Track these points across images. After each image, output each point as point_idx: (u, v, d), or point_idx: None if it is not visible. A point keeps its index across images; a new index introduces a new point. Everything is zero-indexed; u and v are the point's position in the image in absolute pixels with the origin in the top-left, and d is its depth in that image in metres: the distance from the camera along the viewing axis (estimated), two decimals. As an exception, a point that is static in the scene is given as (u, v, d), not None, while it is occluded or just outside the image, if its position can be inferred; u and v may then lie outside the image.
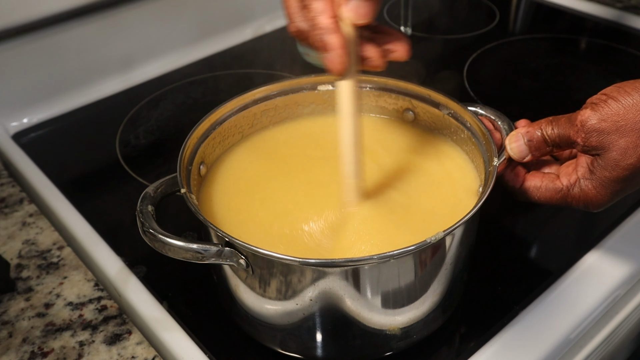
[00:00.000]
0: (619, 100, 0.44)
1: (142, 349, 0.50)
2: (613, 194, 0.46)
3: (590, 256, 0.58)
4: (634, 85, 0.44)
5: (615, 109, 0.44)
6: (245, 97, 0.57)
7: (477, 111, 0.54)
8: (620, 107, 0.43)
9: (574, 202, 0.48)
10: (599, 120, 0.44)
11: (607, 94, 0.45)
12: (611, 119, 0.44)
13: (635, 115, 0.43)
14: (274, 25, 1.00)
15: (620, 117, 0.43)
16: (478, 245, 0.52)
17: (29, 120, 0.81)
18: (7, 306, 0.54)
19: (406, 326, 0.47)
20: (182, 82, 0.88)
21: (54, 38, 0.80)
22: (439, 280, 0.46)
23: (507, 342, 0.51)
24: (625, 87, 0.44)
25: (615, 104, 0.44)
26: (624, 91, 0.44)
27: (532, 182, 0.49)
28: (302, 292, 0.43)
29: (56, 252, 0.59)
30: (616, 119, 0.44)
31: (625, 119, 0.43)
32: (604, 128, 0.44)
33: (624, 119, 0.43)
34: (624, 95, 0.44)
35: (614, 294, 0.56)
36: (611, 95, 0.44)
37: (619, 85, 0.45)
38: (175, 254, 0.43)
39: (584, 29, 0.99)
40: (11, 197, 0.65)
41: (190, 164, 0.50)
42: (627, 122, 0.43)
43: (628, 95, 0.44)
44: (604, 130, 0.44)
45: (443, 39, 0.97)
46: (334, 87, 0.59)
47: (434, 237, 0.41)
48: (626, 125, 0.43)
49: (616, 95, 0.44)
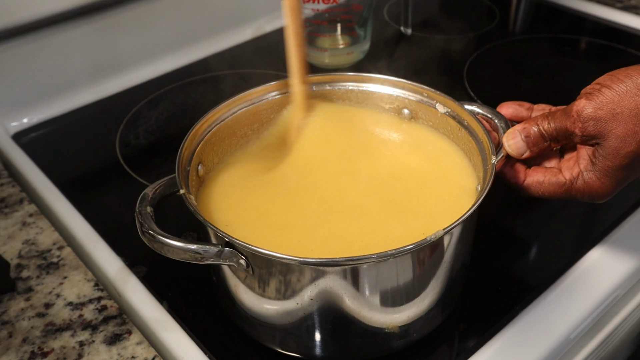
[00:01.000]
0: (613, 88, 0.44)
1: (142, 349, 0.50)
2: (617, 182, 0.46)
3: (590, 256, 0.58)
4: (626, 72, 0.45)
5: (609, 97, 0.44)
6: (242, 98, 0.57)
7: (474, 110, 0.54)
8: (615, 94, 0.44)
9: (579, 194, 0.48)
10: (595, 109, 0.44)
11: (600, 83, 0.45)
12: (607, 107, 0.44)
13: (630, 101, 0.43)
14: (274, 25, 1.00)
15: (615, 104, 0.44)
16: (478, 244, 0.52)
17: (29, 120, 0.81)
18: (7, 306, 0.54)
19: (405, 324, 0.47)
20: (182, 82, 0.88)
21: (54, 38, 0.80)
22: (438, 279, 0.46)
23: (507, 342, 0.51)
24: (617, 75, 0.45)
25: (609, 92, 0.44)
26: (617, 79, 0.44)
27: (534, 177, 0.50)
28: (302, 292, 0.43)
29: (56, 252, 0.59)
30: (612, 107, 0.44)
31: (621, 106, 0.44)
32: (601, 116, 0.44)
33: (619, 106, 0.44)
34: (617, 83, 0.44)
35: (614, 294, 0.56)
36: (605, 84, 0.45)
37: (612, 73, 0.45)
38: (174, 255, 0.43)
39: (584, 29, 0.99)
40: (11, 197, 0.65)
41: (189, 164, 0.51)
42: (622, 109, 0.44)
43: (621, 82, 0.44)
44: (600, 118, 0.44)
45: (443, 39, 0.97)
46: (331, 86, 0.59)
47: (434, 236, 0.41)
48: (622, 112, 0.44)
49: (609, 83, 0.44)
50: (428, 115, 0.57)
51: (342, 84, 0.59)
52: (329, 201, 0.51)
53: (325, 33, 0.85)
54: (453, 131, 0.55)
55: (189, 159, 0.51)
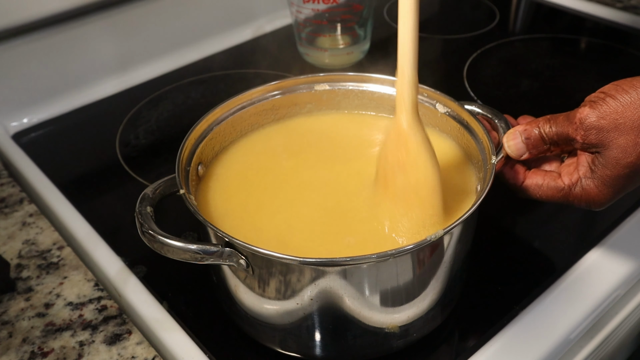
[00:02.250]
0: (617, 99, 0.44)
1: (142, 349, 0.50)
2: (615, 192, 0.46)
3: (591, 256, 0.58)
4: (632, 83, 0.44)
5: (613, 107, 0.44)
6: (242, 98, 0.57)
7: (474, 110, 0.54)
8: (619, 105, 0.44)
9: (576, 201, 0.48)
10: (598, 118, 0.44)
11: (605, 92, 0.45)
12: (610, 117, 0.44)
13: (634, 113, 0.43)
14: (274, 25, 1.00)
15: (619, 115, 0.44)
16: (478, 244, 0.52)
17: (29, 120, 0.81)
18: (7, 306, 0.54)
19: (405, 324, 0.47)
20: (182, 82, 0.88)
21: (54, 38, 0.80)
22: (438, 279, 0.46)
23: (507, 342, 0.51)
24: (622, 85, 0.45)
25: (613, 102, 0.44)
26: (622, 89, 0.44)
27: (533, 180, 0.50)
28: (302, 292, 0.43)
29: (56, 252, 0.59)
30: (615, 117, 0.44)
31: (624, 117, 0.44)
32: (603, 126, 0.44)
33: (622, 117, 0.44)
34: (622, 94, 0.44)
35: (614, 294, 0.56)
36: (609, 94, 0.45)
37: (617, 83, 0.45)
38: (174, 255, 0.43)
39: (584, 29, 0.99)
40: (11, 197, 0.65)
41: (189, 164, 0.51)
42: (625, 120, 0.44)
43: (626, 93, 0.44)
44: (603, 127, 0.44)
45: (443, 39, 0.97)
46: (330, 86, 0.59)
47: (434, 236, 0.41)
48: (625, 123, 0.44)
49: (614, 93, 0.44)
50: (428, 115, 0.57)
51: (342, 84, 0.59)
52: (328, 201, 0.51)
53: (325, 33, 0.85)
54: (453, 131, 0.55)
55: (189, 159, 0.51)
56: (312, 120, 0.60)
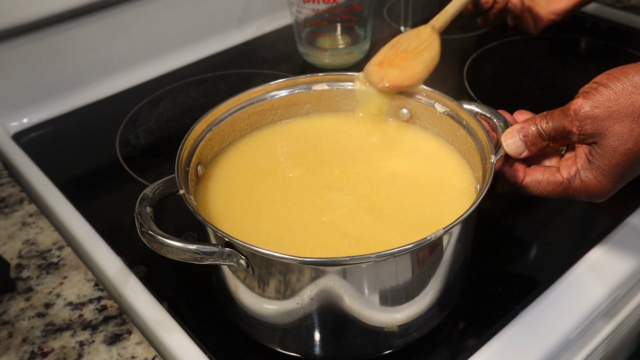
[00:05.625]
0: (610, 87, 0.44)
1: (142, 349, 0.50)
2: (614, 182, 0.46)
3: (590, 256, 0.58)
4: (623, 70, 0.45)
5: (606, 95, 0.44)
6: (241, 98, 0.57)
7: (473, 109, 0.54)
8: (612, 93, 0.44)
9: (576, 194, 0.48)
10: (592, 108, 0.45)
11: (597, 82, 0.46)
12: (604, 105, 0.44)
13: (627, 99, 0.44)
14: (274, 25, 1.00)
15: (612, 102, 0.44)
16: (478, 244, 0.52)
17: (29, 120, 0.82)
18: (7, 306, 0.54)
19: (405, 324, 0.47)
20: (182, 82, 0.88)
21: (54, 38, 0.80)
22: (437, 278, 0.46)
23: (507, 342, 0.51)
24: (614, 73, 0.45)
25: (606, 91, 0.44)
26: (614, 77, 0.45)
27: (533, 176, 0.50)
28: (302, 291, 0.43)
29: (56, 252, 0.59)
30: (608, 105, 0.44)
31: (618, 104, 0.44)
32: (598, 115, 0.44)
33: (616, 104, 0.44)
34: (614, 82, 0.45)
35: (614, 294, 0.56)
36: (601, 83, 0.45)
37: (609, 72, 0.46)
38: (174, 255, 0.43)
39: (584, 29, 0.99)
40: (11, 197, 0.66)
41: (188, 165, 0.51)
42: (619, 107, 0.44)
43: (618, 80, 0.44)
44: (597, 116, 0.45)
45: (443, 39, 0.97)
46: (330, 86, 0.59)
47: (434, 235, 0.41)
48: (619, 110, 0.44)
49: (606, 82, 0.45)
50: (427, 114, 0.57)
51: (342, 84, 0.59)
52: (328, 201, 0.51)
53: (325, 33, 0.85)
54: (452, 131, 0.55)
55: (188, 159, 0.51)
56: (312, 120, 0.60)
